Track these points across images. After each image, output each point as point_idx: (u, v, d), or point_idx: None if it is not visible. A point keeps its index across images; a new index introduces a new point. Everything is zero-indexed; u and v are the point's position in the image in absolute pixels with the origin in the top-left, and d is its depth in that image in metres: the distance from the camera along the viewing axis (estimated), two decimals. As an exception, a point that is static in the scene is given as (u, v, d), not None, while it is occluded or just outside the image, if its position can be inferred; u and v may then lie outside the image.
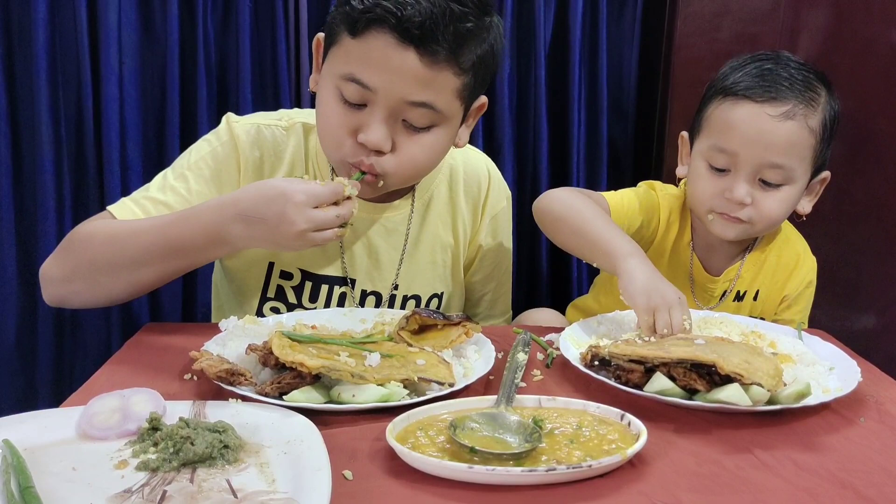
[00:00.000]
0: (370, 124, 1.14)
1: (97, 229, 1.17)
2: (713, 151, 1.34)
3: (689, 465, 0.84)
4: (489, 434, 0.86)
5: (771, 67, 1.32)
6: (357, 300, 1.36)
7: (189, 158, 1.28)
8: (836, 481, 0.82)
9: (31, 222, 1.74)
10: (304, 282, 1.33)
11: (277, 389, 0.93)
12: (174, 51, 1.72)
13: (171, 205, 1.22)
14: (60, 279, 1.17)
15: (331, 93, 1.16)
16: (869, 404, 1.02)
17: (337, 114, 1.16)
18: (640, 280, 1.14)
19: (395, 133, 1.16)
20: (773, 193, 1.33)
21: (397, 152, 1.17)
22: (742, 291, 1.48)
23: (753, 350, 1.03)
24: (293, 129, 1.32)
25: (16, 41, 1.69)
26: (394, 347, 1.06)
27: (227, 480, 0.76)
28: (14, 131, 1.72)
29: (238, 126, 1.29)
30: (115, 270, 1.14)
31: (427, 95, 1.13)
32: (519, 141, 1.93)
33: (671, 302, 1.12)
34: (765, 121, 1.29)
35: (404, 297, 1.39)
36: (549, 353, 1.15)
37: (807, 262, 1.51)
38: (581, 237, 1.31)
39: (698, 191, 1.38)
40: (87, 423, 0.85)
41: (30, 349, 1.78)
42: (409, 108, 1.13)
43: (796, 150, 1.31)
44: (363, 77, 1.11)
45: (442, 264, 1.42)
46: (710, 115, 1.36)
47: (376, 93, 1.12)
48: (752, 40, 1.84)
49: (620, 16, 1.94)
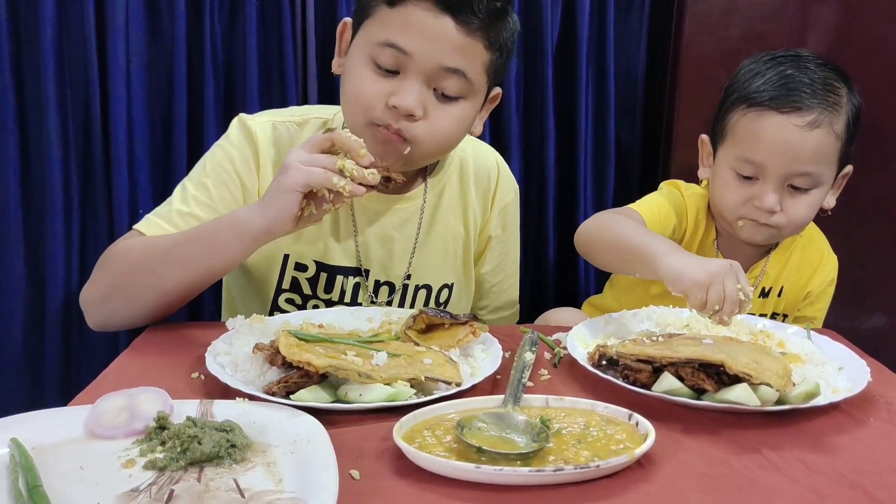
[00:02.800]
0: (404, 88, 1.17)
1: (131, 245, 1.19)
2: (740, 162, 1.35)
3: (697, 465, 0.84)
4: (496, 434, 0.86)
5: (792, 73, 1.32)
6: (371, 290, 1.37)
7: (205, 166, 1.29)
8: (845, 482, 0.81)
9: (38, 221, 1.75)
10: (319, 273, 1.35)
11: (284, 389, 0.93)
12: (181, 50, 1.72)
13: (198, 214, 1.24)
14: (99, 299, 1.18)
15: (363, 62, 1.19)
16: (878, 404, 1.02)
17: (370, 80, 1.19)
18: (682, 267, 1.10)
19: (427, 101, 1.19)
20: (802, 198, 1.35)
21: (428, 120, 1.20)
22: (767, 288, 1.49)
23: (762, 350, 1.02)
24: (307, 124, 1.34)
25: (24, 40, 1.69)
26: (401, 347, 1.06)
27: (235, 480, 0.76)
28: (22, 130, 1.72)
29: (252, 125, 1.30)
30: (149, 280, 1.15)
31: (461, 62, 1.17)
32: (526, 140, 1.93)
33: (722, 271, 1.06)
34: (792, 132, 1.30)
35: (416, 287, 1.41)
36: (556, 352, 1.15)
37: (830, 259, 1.53)
38: (617, 252, 1.30)
39: (727, 199, 1.39)
40: (94, 422, 0.85)
41: (37, 348, 1.78)
42: (444, 74, 1.18)
43: (824, 157, 1.32)
44: (400, 41, 1.15)
45: (453, 254, 1.43)
46: (735, 126, 1.37)
47: (412, 57, 1.16)
48: (760, 38, 1.83)
49: (628, 14, 1.93)
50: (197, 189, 1.27)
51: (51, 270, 1.74)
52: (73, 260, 1.75)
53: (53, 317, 1.75)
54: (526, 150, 1.93)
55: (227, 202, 1.26)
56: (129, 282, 1.16)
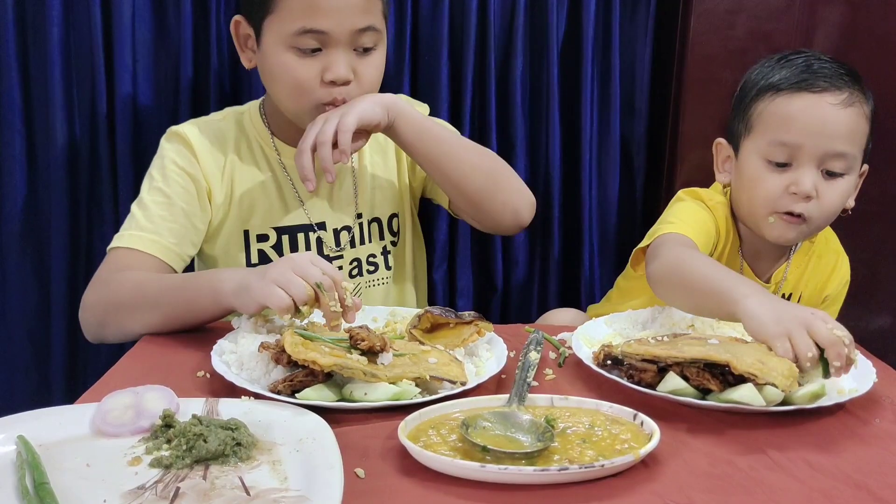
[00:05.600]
0: (333, 62, 1.28)
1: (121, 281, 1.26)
2: (773, 147, 1.30)
3: (702, 465, 0.84)
4: (501, 433, 0.86)
5: (813, 63, 1.30)
6: (332, 241, 1.44)
7: (152, 176, 1.38)
8: (850, 483, 0.81)
9: (45, 220, 1.75)
10: (280, 237, 1.42)
11: (290, 387, 0.93)
12: (187, 50, 1.72)
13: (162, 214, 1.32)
14: (94, 325, 1.28)
15: (283, 53, 1.29)
16: (884, 405, 1.01)
17: (299, 66, 1.29)
18: (762, 314, 1.02)
19: (352, 62, 1.30)
20: (837, 184, 1.30)
21: (357, 79, 1.31)
22: (788, 294, 1.46)
23: (767, 350, 1.02)
24: (226, 118, 1.45)
25: (31, 40, 1.70)
26: (406, 346, 1.06)
27: (240, 478, 0.76)
28: (28, 129, 1.72)
29: (177, 128, 1.41)
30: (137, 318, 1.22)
31: (368, 19, 1.29)
32: (531, 139, 1.92)
33: (805, 319, 1.00)
34: (827, 109, 1.26)
35: (368, 221, 1.48)
36: (561, 352, 1.15)
37: (843, 260, 1.50)
38: (694, 296, 1.20)
39: (760, 191, 1.32)
40: (100, 419, 0.85)
41: (44, 346, 1.79)
42: (359, 35, 1.29)
43: (857, 138, 1.29)
44: (315, 24, 1.26)
45: (387, 186, 1.51)
46: (763, 112, 1.32)
47: (330, 34, 1.27)
48: (766, 37, 1.82)
49: (634, 13, 1.92)
50: (152, 194, 1.35)
51: (57, 269, 1.74)
52: (79, 259, 1.76)
53: (59, 316, 1.76)
54: (531, 148, 1.93)
55: (181, 195, 1.35)
56: (119, 318, 1.24)
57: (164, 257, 1.30)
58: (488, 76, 1.83)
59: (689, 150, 1.87)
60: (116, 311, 1.24)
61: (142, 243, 1.29)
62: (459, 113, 1.84)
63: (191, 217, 1.35)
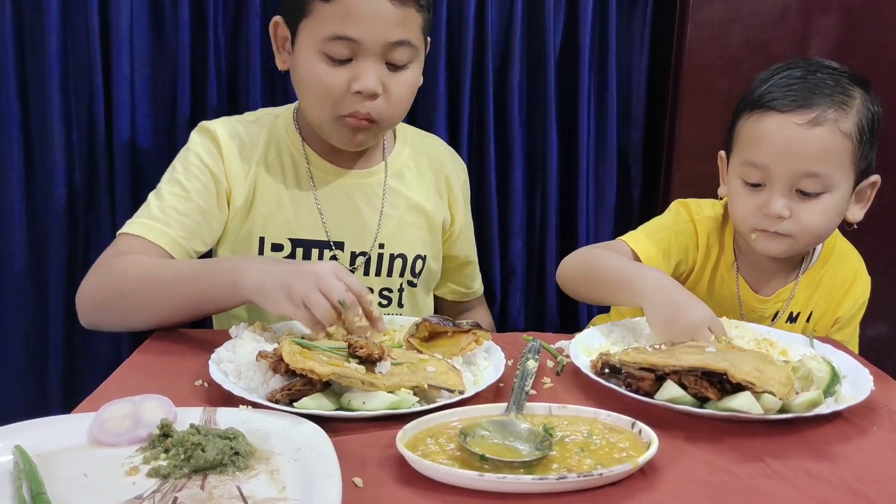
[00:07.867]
0: (362, 73, 1.26)
1: (127, 266, 1.22)
2: (745, 167, 1.31)
3: (700, 473, 0.84)
4: (499, 442, 0.86)
5: (801, 76, 1.29)
6: (347, 262, 1.42)
7: (174, 167, 1.37)
8: (848, 491, 0.81)
9: (42, 228, 1.75)
10: (295, 250, 1.40)
11: (288, 396, 0.93)
12: (185, 58, 1.73)
13: (176, 206, 1.31)
14: (91, 309, 1.24)
15: (315, 59, 1.27)
16: (882, 413, 1.02)
17: (328, 73, 1.27)
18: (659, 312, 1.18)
19: (382, 76, 1.28)
20: (813, 204, 1.28)
21: (386, 94, 1.29)
22: (795, 313, 1.43)
23: (765, 358, 1.02)
24: (260, 120, 1.44)
25: (28, 48, 1.70)
26: (404, 354, 1.06)
27: (238, 487, 0.76)
28: (26, 137, 1.72)
29: (209, 124, 1.39)
30: (142, 305, 1.21)
31: (404, 33, 1.26)
32: (528, 147, 1.93)
33: (694, 331, 1.12)
34: (792, 130, 1.25)
35: (391, 255, 1.46)
36: (559, 360, 1.15)
37: (862, 280, 1.46)
38: (598, 287, 1.33)
39: (739, 209, 1.34)
40: (98, 429, 0.85)
41: (41, 355, 1.78)
42: (392, 48, 1.26)
43: (830, 157, 1.26)
44: (348, 32, 1.23)
45: (419, 228, 1.49)
46: (740, 131, 1.33)
47: (362, 43, 1.24)
48: (762, 47, 1.83)
49: (630, 22, 1.93)
50: (171, 185, 1.34)
51: (54, 278, 1.74)
52: (76, 267, 1.75)
53: (57, 324, 1.76)
54: (528, 156, 1.93)
55: (199, 192, 1.33)
56: (123, 303, 1.21)
57: (171, 249, 1.28)
58: (486, 85, 1.84)
59: (685, 158, 1.87)
60: (118, 297, 1.21)
61: (150, 232, 1.27)
62: (457, 122, 1.85)
63: (206, 214, 1.33)
